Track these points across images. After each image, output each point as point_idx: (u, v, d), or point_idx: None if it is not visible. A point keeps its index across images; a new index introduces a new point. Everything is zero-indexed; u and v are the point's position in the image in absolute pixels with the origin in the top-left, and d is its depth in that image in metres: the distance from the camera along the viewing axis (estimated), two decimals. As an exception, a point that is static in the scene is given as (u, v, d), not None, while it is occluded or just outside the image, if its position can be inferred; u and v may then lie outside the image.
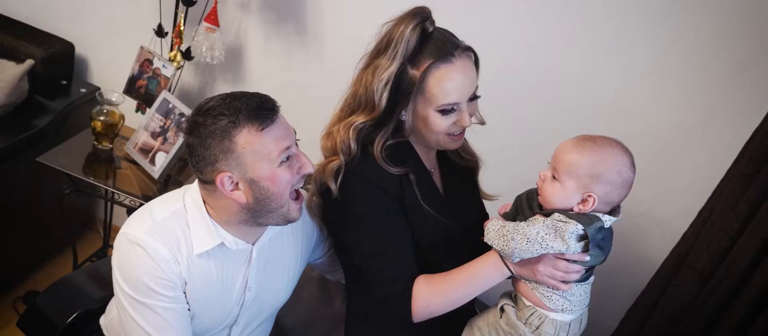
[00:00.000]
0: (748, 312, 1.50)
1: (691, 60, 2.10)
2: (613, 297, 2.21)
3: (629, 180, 1.45)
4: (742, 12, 1.98)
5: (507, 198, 1.97)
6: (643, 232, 2.36)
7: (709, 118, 2.14)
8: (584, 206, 1.44)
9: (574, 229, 1.41)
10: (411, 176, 1.61)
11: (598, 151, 1.44)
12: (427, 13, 1.53)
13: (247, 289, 1.65)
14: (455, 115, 1.56)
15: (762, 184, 1.60)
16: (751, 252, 1.54)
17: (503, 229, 1.48)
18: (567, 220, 1.42)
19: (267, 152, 1.43)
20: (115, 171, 2.48)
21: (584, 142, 1.46)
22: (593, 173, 1.43)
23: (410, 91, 1.53)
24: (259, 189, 1.46)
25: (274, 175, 1.46)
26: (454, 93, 1.53)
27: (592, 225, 1.41)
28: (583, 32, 2.19)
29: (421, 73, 1.50)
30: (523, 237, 1.43)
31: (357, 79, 1.60)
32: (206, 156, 1.44)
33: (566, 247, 1.41)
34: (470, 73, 1.55)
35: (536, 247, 1.42)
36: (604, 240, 1.46)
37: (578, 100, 2.27)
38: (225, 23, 2.49)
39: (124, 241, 1.51)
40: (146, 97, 2.56)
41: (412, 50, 1.51)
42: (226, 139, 1.41)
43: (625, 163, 1.44)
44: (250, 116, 1.41)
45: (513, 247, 1.43)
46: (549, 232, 1.42)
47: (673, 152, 2.24)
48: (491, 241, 1.49)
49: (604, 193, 1.43)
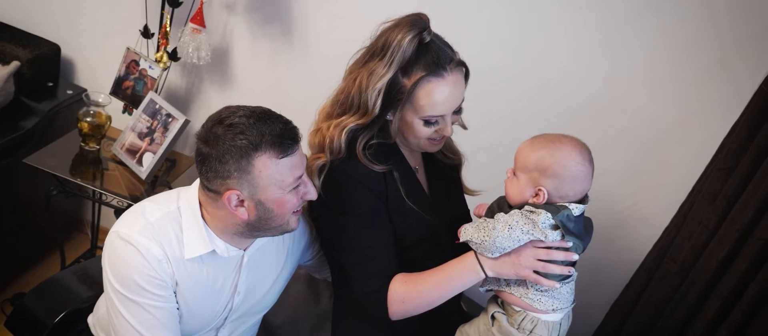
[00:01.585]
0: (726, 302, 1.53)
1: (671, 58, 2.13)
2: (599, 291, 2.24)
3: (578, 174, 1.47)
4: (718, 12, 2.02)
5: (492, 194, 1.99)
6: (627, 226, 2.39)
7: (689, 115, 2.17)
8: (536, 199, 1.48)
9: (545, 218, 1.44)
10: (395, 174, 1.63)
11: (547, 147, 1.48)
12: (426, 22, 1.54)
13: (237, 293, 1.66)
14: (438, 125, 1.59)
15: (739, 177, 1.63)
16: (728, 244, 1.57)
17: (482, 223, 1.50)
18: (536, 210, 1.45)
19: (281, 179, 1.45)
20: (102, 172, 2.48)
21: (539, 138, 1.51)
22: (540, 167, 1.47)
23: (399, 99, 1.54)
24: (264, 210, 1.48)
25: (282, 200, 1.47)
26: (441, 106, 1.55)
27: (560, 213, 1.44)
28: (566, 31, 2.21)
29: (412, 83, 1.52)
30: (505, 224, 1.46)
31: (350, 76, 1.60)
32: (220, 170, 1.43)
33: (543, 235, 1.44)
34: (459, 87, 1.57)
35: (517, 233, 1.45)
36: (577, 227, 1.48)
37: (563, 98, 2.30)
38: (211, 24, 2.50)
39: (115, 239, 1.51)
40: (133, 98, 2.56)
41: (407, 60, 1.52)
42: (244, 159, 1.41)
43: (573, 158, 1.47)
44: (272, 143, 1.42)
45: (494, 236, 1.45)
46: (527, 221, 1.45)
47: (655, 148, 2.27)
48: (470, 236, 1.51)
49: (553, 187, 1.47)
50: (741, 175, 1.62)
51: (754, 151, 1.60)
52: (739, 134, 1.72)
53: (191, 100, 2.74)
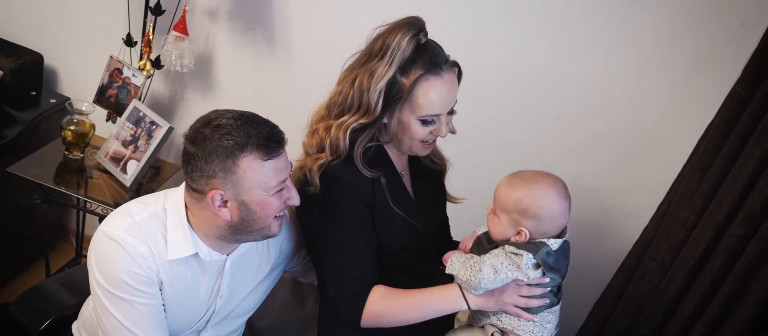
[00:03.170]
0: (703, 298, 1.56)
1: (648, 60, 2.17)
2: (582, 291, 2.26)
3: (556, 212, 1.53)
4: (693, 15, 2.06)
5: (475, 200, 2.01)
6: (609, 227, 2.42)
7: (667, 116, 2.21)
8: (518, 238, 1.54)
9: (527, 260, 1.50)
10: (382, 179, 1.65)
11: (523, 188, 1.53)
12: (422, 24, 1.57)
13: (219, 297, 1.67)
14: (433, 126, 1.61)
15: (713, 176, 1.66)
16: (704, 242, 1.59)
17: (470, 261, 1.55)
18: (518, 252, 1.51)
19: (265, 181, 1.46)
20: (86, 180, 2.48)
21: (515, 179, 1.56)
22: (519, 209, 1.52)
23: (398, 98, 1.56)
24: (247, 211, 1.49)
25: (265, 202, 1.49)
26: (438, 104, 1.58)
27: (540, 252, 1.50)
28: (546, 35, 2.24)
29: (411, 82, 1.54)
30: (491, 267, 1.51)
31: (346, 79, 1.61)
32: (205, 170, 1.45)
33: (526, 276, 1.51)
34: (454, 87, 1.60)
35: (502, 277, 1.51)
36: (557, 261, 1.54)
37: (544, 101, 2.33)
38: (194, 32, 2.51)
39: (102, 237, 1.52)
40: (117, 106, 2.56)
41: (406, 59, 1.54)
42: (229, 159, 1.43)
43: (549, 198, 1.52)
44: (258, 144, 1.44)
45: (480, 277, 1.51)
46: (511, 263, 1.50)
47: (634, 150, 2.30)
48: (456, 272, 1.56)
49: (534, 227, 1.53)
50: (715, 174, 1.65)
51: (727, 151, 1.63)
52: (713, 134, 1.74)
53: (175, 107, 2.74)
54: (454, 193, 1.94)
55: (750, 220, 1.46)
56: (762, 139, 1.49)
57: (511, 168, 2.43)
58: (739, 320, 1.41)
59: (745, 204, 1.50)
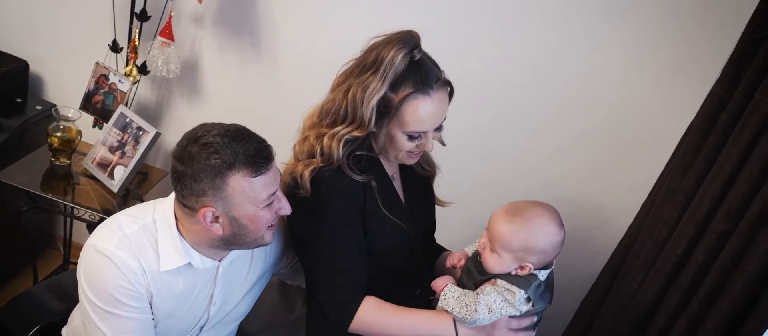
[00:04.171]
0: (685, 294, 1.58)
1: (631, 62, 2.20)
2: (568, 290, 2.27)
3: (558, 243, 1.58)
4: (674, 17, 2.09)
5: (463, 203, 2.03)
6: (594, 226, 2.44)
7: (649, 116, 2.24)
8: (522, 271, 1.57)
9: (520, 297, 1.55)
10: (373, 183, 1.66)
11: (527, 226, 1.56)
12: (417, 40, 1.57)
13: (212, 304, 1.68)
14: (420, 140, 1.62)
15: (695, 174, 1.68)
16: (686, 238, 1.61)
17: (464, 298, 1.58)
18: (511, 289, 1.55)
19: (255, 196, 1.46)
20: (73, 186, 2.47)
21: (514, 217, 1.57)
22: (526, 247, 1.55)
23: (386, 113, 1.57)
24: (238, 226, 1.50)
25: (256, 216, 1.49)
26: (426, 122, 1.59)
27: (532, 286, 1.56)
28: (529, 39, 2.26)
29: (400, 100, 1.55)
30: (486, 307, 1.55)
31: (340, 87, 1.61)
32: (195, 188, 1.45)
33: (518, 311, 1.57)
34: (443, 106, 1.60)
35: (496, 314, 1.56)
36: (545, 292, 1.61)
37: (528, 103, 2.35)
38: (180, 37, 2.51)
39: (92, 251, 1.52)
40: (103, 112, 2.56)
41: (398, 76, 1.54)
42: (218, 177, 1.43)
43: (553, 232, 1.57)
44: (246, 162, 1.43)
45: (476, 317, 1.55)
46: (504, 300, 1.55)
47: (618, 150, 2.33)
48: (451, 308, 1.59)
49: (538, 260, 1.57)
50: (697, 172, 1.67)
51: (707, 149, 1.65)
52: (694, 133, 1.76)
53: (162, 112, 2.74)
54: (441, 196, 1.95)
55: (730, 217, 1.49)
56: (741, 137, 1.52)
57: (496, 170, 2.47)
58: (720, 314, 1.43)
59: (725, 200, 1.52)
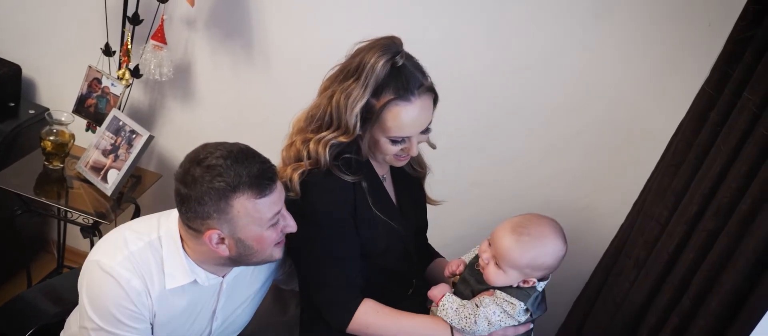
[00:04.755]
0: (676, 291, 1.59)
1: (621, 62, 2.20)
2: (562, 290, 2.28)
3: (562, 256, 1.61)
4: (663, 16, 2.10)
5: (457, 202, 2.03)
6: (587, 226, 2.44)
7: (640, 116, 2.25)
8: (525, 284, 1.60)
9: (520, 309, 1.57)
10: (363, 184, 1.66)
11: (536, 244, 1.57)
12: (399, 46, 1.57)
13: (215, 319, 1.68)
14: (404, 144, 1.62)
15: (685, 173, 1.69)
16: (677, 237, 1.62)
17: (463, 310, 1.60)
18: (511, 301, 1.57)
19: (260, 217, 1.46)
20: (67, 190, 2.47)
21: (521, 235, 1.57)
22: (534, 265, 1.57)
23: (368, 119, 1.57)
24: (244, 247, 1.49)
25: (262, 236, 1.49)
26: (408, 128, 1.59)
27: (530, 298, 1.59)
28: (521, 38, 2.26)
29: (381, 105, 1.55)
30: (485, 320, 1.57)
31: (325, 92, 1.61)
32: (199, 211, 1.43)
33: (517, 322, 1.59)
34: (426, 112, 1.60)
35: (495, 326, 1.58)
36: (542, 302, 1.64)
37: (521, 103, 2.35)
38: (172, 40, 2.51)
39: (96, 268, 1.50)
40: (96, 115, 2.56)
41: (379, 82, 1.54)
42: (222, 200, 1.42)
43: (559, 248, 1.59)
44: (250, 184, 1.42)
45: (475, 329, 1.58)
46: (503, 312, 1.57)
47: (609, 149, 2.33)
48: (450, 319, 1.61)
49: (543, 274, 1.60)
50: (687, 171, 1.68)
51: (697, 148, 1.66)
52: (684, 132, 1.77)
53: (155, 116, 2.74)
54: (434, 195, 1.95)
55: (719, 214, 1.50)
56: (730, 136, 1.53)
57: (489, 170, 2.48)
58: (711, 311, 1.44)
59: (714, 199, 1.53)
